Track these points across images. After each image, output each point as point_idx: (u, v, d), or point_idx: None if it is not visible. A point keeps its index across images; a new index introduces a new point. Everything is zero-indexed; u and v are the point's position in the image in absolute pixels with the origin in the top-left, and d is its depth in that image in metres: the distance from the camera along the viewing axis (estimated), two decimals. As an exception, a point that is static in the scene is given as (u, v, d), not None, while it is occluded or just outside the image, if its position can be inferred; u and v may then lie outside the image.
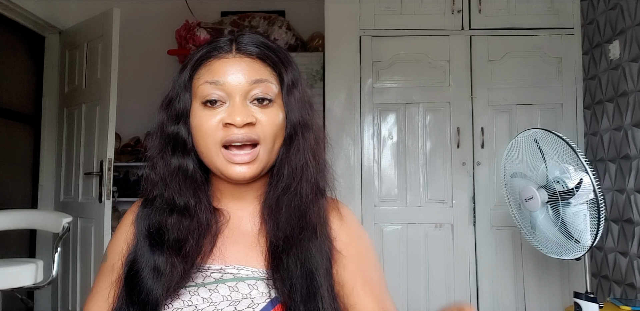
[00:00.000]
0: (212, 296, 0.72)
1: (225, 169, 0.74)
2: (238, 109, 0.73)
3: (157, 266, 0.72)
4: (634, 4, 2.11)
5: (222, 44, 0.77)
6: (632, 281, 2.08)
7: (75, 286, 2.77)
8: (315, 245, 0.75)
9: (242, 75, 0.74)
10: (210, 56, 0.76)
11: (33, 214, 2.55)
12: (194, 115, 0.75)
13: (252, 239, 0.78)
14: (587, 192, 1.68)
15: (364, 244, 0.82)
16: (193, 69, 0.77)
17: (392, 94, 2.61)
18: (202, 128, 0.74)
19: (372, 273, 0.79)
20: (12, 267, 2.10)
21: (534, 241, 1.93)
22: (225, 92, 0.74)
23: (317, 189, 0.79)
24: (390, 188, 2.57)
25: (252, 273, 0.74)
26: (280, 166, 0.77)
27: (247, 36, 0.78)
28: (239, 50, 0.76)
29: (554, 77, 2.58)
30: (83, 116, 2.88)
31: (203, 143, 0.74)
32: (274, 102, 0.76)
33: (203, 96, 0.74)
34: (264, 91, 0.75)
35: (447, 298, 2.48)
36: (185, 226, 0.74)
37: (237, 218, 0.80)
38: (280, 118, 0.76)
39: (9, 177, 2.97)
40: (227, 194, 0.80)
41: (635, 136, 2.09)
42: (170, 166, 0.76)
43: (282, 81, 0.77)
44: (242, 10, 3.30)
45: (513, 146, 1.96)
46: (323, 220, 0.79)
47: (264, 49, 0.77)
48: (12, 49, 3.05)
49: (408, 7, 2.63)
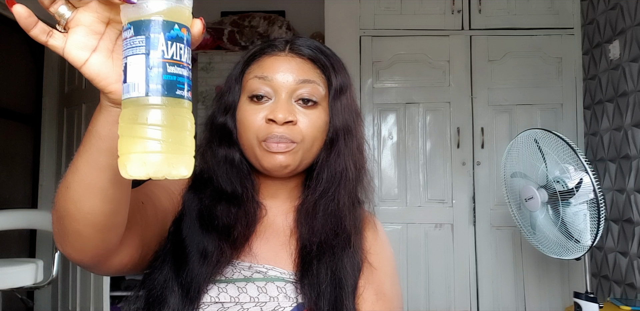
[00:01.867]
0: (240, 296, 0.72)
1: (263, 158, 0.75)
2: (281, 106, 0.74)
3: (205, 249, 0.72)
4: (634, 4, 2.11)
5: (277, 43, 0.79)
6: (632, 281, 2.08)
7: (75, 286, 2.77)
8: (347, 255, 0.76)
9: (291, 73, 0.76)
10: (263, 52, 0.78)
11: (33, 214, 2.55)
12: (241, 108, 0.77)
13: (283, 239, 0.79)
14: (587, 192, 1.68)
15: (387, 260, 0.83)
16: (245, 64, 0.79)
17: (392, 94, 2.61)
18: (246, 122, 0.75)
19: (387, 288, 0.80)
20: (12, 267, 2.10)
21: (534, 241, 1.93)
22: (272, 88, 0.75)
23: (355, 198, 0.80)
24: (390, 188, 2.57)
25: (280, 274, 0.74)
26: (320, 170, 0.78)
27: (303, 39, 0.81)
28: (291, 49, 0.78)
29: (554, 77, 2.58)
30: (83, 116, 2.88)
31: (245, 136, 0.76)
32: (319, 105, 0.77)
33: (250, 90, 0.76)
34: (310, 92, 0.76)
35: (447, 298, 2.49)
36: (233, 213, 0.75)
37: (271, 216, 0.81)
38: (322, 121, 0.77)
39: (9, 177, 2.97)
40: (263, 191, 0.81)
41: (635, 136, 2.09)
42: (217, 156, 0.77)
43: (330, 85, 0.78)
44: (242, 10, 3.30)
45: (513, 146, 1.96)
46: (358, 230, 0.79)
47: (316, 52, 0.79)
48: (12, 49, 3.05)
49: (408, 7, 2.63)
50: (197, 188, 0.79)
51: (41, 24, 0.47)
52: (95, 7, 0.47)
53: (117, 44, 0.50)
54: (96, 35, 0.48)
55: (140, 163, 0.43)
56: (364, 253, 0.79)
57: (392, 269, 0.83)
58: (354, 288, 0.75)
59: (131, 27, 0.44)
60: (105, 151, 0.53)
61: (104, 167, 0.54)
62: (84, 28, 0.48)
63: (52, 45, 0.48)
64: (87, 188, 0.56)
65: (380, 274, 0.79)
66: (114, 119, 0.50)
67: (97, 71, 0.48)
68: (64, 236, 0.61)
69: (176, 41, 0.45)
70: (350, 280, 0.75)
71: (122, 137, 0.44)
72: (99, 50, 0.48)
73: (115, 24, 0.49)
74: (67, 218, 0.59)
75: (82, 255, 0.63)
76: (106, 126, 0.52)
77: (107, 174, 0.55)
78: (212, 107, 0.82)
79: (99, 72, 0.48)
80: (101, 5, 0.47)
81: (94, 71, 0.48)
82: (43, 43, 0.48)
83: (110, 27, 0.49)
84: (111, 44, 0.50)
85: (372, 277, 0.78)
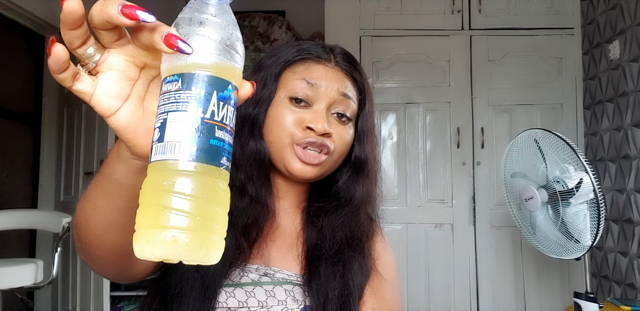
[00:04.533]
0: (248, 301, 0.71)
1: (290, 163, 0.74)
2: (322, 116, 0.74)
3: None
4: (634, 4, 2.11)
5: (320, 50, 0.79)
6: (632, 281, 2.08)
7: (75, 286, 2.77)
8: (357, 261, 0.77)
9: (337, 85, 0.76)
10: (309, 56, 0.78)
11: (33, 214, 2.55)
12: (277, 105, 0.76)
13: (289, 241, 0.79)
14: (587, 192, 1.68)
15: (389, 267, 0.84)
16: (288, 62, 0.78)
17: (392, 94, 2.61)
18: (282, 120, 0.74)
19: (388, 292, 0.81)
20: (12, 267, 2.10)
21: (534, 241, 1.93)
22: (316, 95, 0.75)
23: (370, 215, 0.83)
24: (390, 188, 2.57)
25: (287, 276, 0.74)
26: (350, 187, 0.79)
27: (339, 49, 0.81)
28: (337, 62, 0.79)
29: (554, 77, 2.58)
30: (83, 116, 2.88)
31: (277, 133, 0.75)
32: (351, 121, 0.78)
33: (294, 91, 0.75)
34: (346, 107, 0.77)
35: (447, 298, 2.49)
36: (256, 211, 0.74)
37: (279, 217, 0.80)
38: (351, 137, 0.78)
39: (9, 177, 2.97)
40: (274, 191, 0.81)
41: (635, 136, 2.09)
42: (247, 149, 0.75)
43: (362, 105, 0.80)
44: (242, 10, 3.30)
45: (513, 146, 1.96)
46: (369, 238, 0.81)
47: (355, 68, 0.80)
48: (12, 49, 3.05)
49: (408, 7, 2.63)
50: None
51: (73, 67, 0.40)
52: (132, 50, 0.42)
53: (149, 91, 0.44)
54: (130, 82, 0.43)
55: (164, 242, 0.36)
56: (373, 261, 0.80)
57: (394, 275, 0.85)
58: (360, 294, 0.76)
59: (179, 79, 0.39)
60: (127, 197, 0.49)
61: (126, 209, 0.49)
62: (117, 73, 0.42)
63: (78, 90, 0.41)
64: (109, 225, 0.53)
65: (382, 280, 0.80)
66: (136, 170, 0.47)
67: (126, 123, 0.43)
68: (87, 257, 0.61)
69: (227, 103, 0.40)
70: (358, 286, 0.76)
71: (144, 205, 0.38)
72: (131, 99, 0.43)
73: (151, 69, 0.44)
74: (89, 246, 0.57)
75: (105, 272, 0.64)
76: (127, 177, 0.48)
77: (129, 214, 0.51)
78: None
79: (127, 124, 0.43)
80: (139, 49, 0.42)
81: (122, 122, 0.43)
82: (67, 87, 0.41)
83: (144, 72, 0.44)
84: (143, 92, 0.44)
85: (376, 283, 0.79)
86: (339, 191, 0.79)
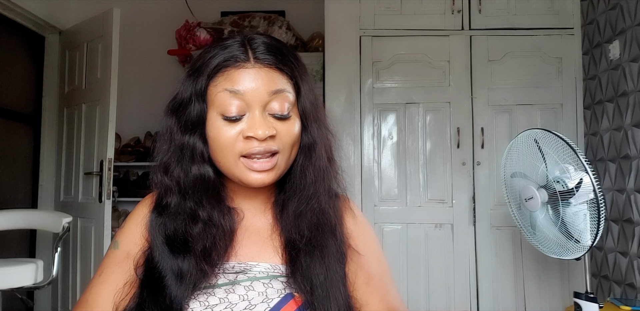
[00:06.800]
0: (229, 297, 0.73)
1: (244, 177, 0.74)
2: (259, 122, 0.72)
3: (180, 270, 0.72)
4: (634, 4, 2.11)
5: (237, 52, 0.74)
6: (632, 281, 2.08)
7: (75, 286, 2.77)
8: (333, 244, 0.78)
9: (263, 86, 0.73)
10: (226, 64, 0.74)
11: (33, 214, 2.55)
12: (212, 125, 0.74)
13: (265, 236, 0.79)
14: (587, 192, 1.68)
15: (369, 240, 0.85)
16: (209, 77, 0.75)
17: (392, 94, 2.61)
18: (221, 139, 0.73)
19: (375, 268, 0.82)
20: (12, 267, 2.10)
21: (534, 241, 1.93)
22: (245, 102, 0.72)
23: (333, 192, 0.82)
24: (390, 188, 2.57)
25: (265, 269, 0.75)
26: (302, 172, 0.78)
27: (259, 40, 0.76)
28: (257, 59, 0.74)
29: (554, 77, 2.58)
30: (83, 116, 2.88)
31: (221, 153, 0.74)
32: (291, 113, 0.76)
33: (223, 108, 0.72)
34: (281, 102, 0.74)
35: (447, 298, 2.49)
36: (212, 235, 0.74)
37: (250, 216, 0.81)
38: (297, 128, 0.76)
39: (9, 177, 2.97)
40: (240, 195, 0.81)
41: (635, 136, 2.09)
42: (190, 176, 0.76)
43: (298, 90, 0.77)
44: (242, 10, 3.30)
45: (513, 146, 1.96)
46: (339, 220, 0.81)
47: (280, 57, 0.75)
48: (12, 49, 3.05)
49: (408, 7, 2.63)
50: (161, 209, 0.78)
51: None
52: None
53: None
54: None
55: None
56: (346, 238, 0.80)
57: (376, 248, 0.85)
58: (343, 274, 0.77)
59: None
60: None
61: None
62: None
63: None
64: None
65: (366, 257, 0.81)
66: None
67: None
68: None
69: None
70: (338, 266, 0.77)
71: None
72: None
73: None
74: None
75: None
76: None
77: None
78: (167, 120, 0.78)
79: None
80: None
81: None
82: None
83: None
84: None
85: (360, 261, 0.80)
86: (295, 178, 0.79)
